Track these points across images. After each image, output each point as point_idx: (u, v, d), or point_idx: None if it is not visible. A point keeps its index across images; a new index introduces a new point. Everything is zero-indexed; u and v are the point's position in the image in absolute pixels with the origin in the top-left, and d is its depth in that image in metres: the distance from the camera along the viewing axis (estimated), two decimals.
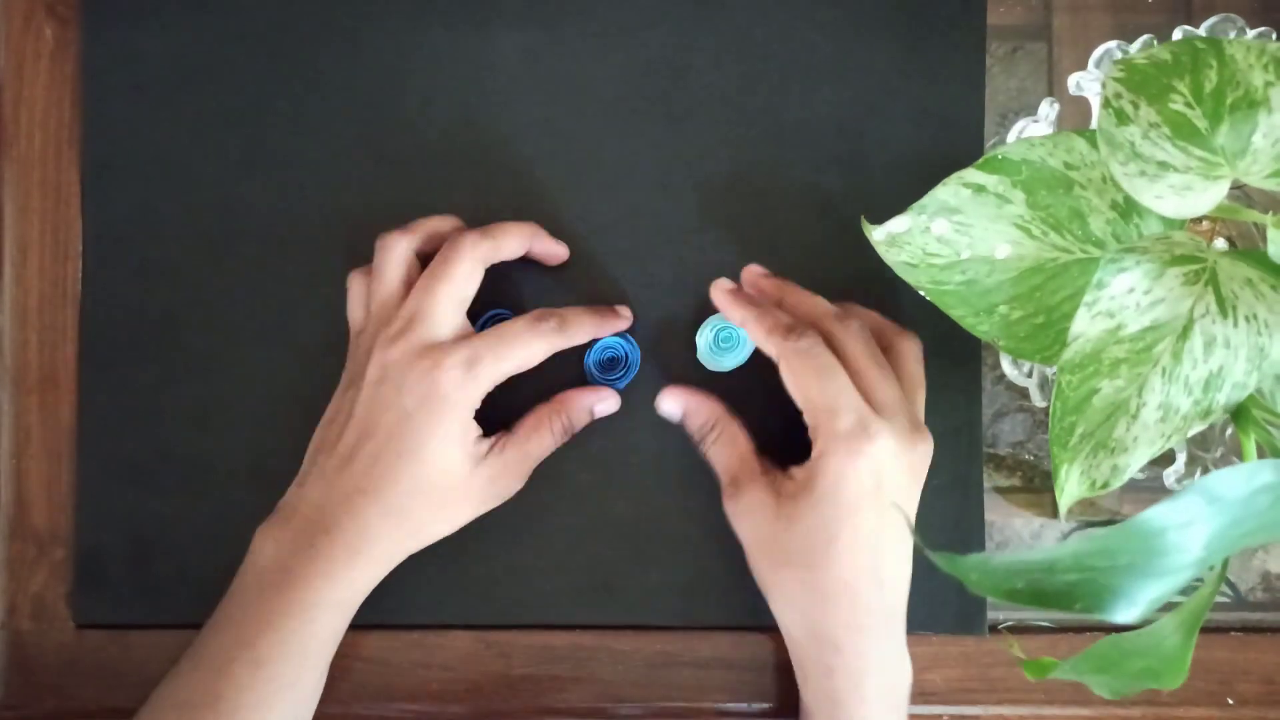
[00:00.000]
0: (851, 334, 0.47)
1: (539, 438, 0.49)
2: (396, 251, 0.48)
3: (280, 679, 0.45)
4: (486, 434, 0.48)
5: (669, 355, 0.52)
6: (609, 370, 0.51)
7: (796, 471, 0.46)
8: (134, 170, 0.53)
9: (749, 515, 0.47)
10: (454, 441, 0.46)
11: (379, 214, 0.52)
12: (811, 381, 0.45)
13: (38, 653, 0.52)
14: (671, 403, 0.50)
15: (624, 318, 0.51)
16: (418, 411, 0.45)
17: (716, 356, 0.51)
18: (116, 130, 0.53)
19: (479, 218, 0.52)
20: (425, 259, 0.48)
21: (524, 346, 0.47)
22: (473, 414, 0.46)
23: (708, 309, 0.52)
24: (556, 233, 0.52)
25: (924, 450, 0.46)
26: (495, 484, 0.48)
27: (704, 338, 0.51)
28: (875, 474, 0.44)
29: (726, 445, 0.49)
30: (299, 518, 0.46)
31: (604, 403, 0.51)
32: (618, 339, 0.51)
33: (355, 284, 0.50)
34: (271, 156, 0.53)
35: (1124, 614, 0.29)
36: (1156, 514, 0.28)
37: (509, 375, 0.47)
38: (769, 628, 0.52)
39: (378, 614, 0.52)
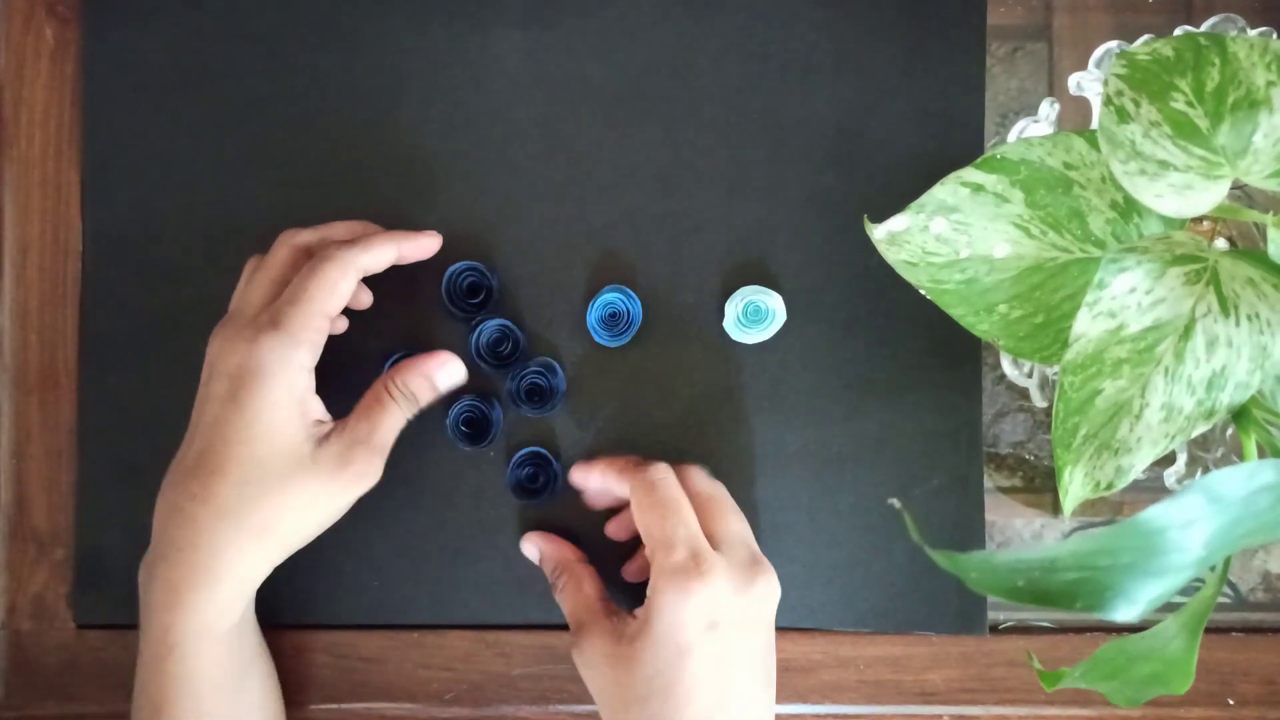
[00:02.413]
0: (689, 473, 0.47)
1: (380, 408, 0.45)
2: (280, 248, 0.47)
3: (182, 716, 0.43)
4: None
5: (668, 353, 0.52)
6: (611, 326, 0.51)
7: (639, 612, 0.44)
8: (134, 170, 0.53)
9: (590, 664, 0.45)
10: (286, 411, 0.43)
11: (379, 214, 0.52)
12: (652, 514, 0.44)
13: (38, 653, 0.52)
14: (530, 547, 0.51)
15: (433, 237, 0.49)
16: (240, 390, 0.42)
17: (744, 329, 0.51)
18: (116, 130, 0.53)
19: (479, 218, 0.52)
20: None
21: (318, 277, 0.44)
22: (305, 384, 0.44)
23: (707, 308, 0.52)
24: (557, 232, 0.52)
25: (765, 584, 0.44)
26: (345, 461, 0.44)
27: (732, 309, 0.51)
28: (708, 613, 0.42)
29: (572, 592, 0.47)
30: (152, 552, 0.44)
31: (444, 369, 0.47)
32: (617, 294, 0.51)
33: (245, 269, 0.49)
34: (271, 156, 0.53)
35: (1124, 613, 0.29)
36: (1157, 513, 0.28)
37: (323, 317, 0.44)
38: None
39: (377, 614, 0.52)
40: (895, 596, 0.52)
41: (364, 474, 0.44)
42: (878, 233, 0.41)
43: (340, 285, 0.44)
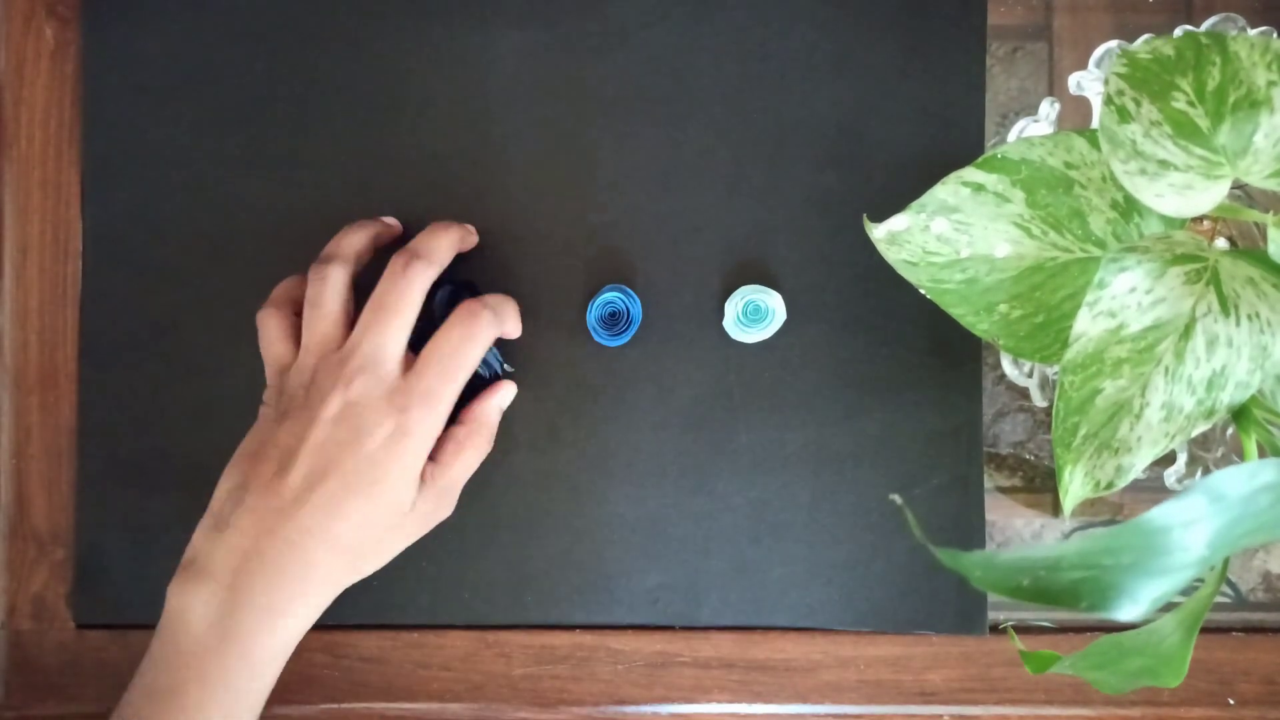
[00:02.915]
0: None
1: (464, 460, 0.48)
2: (333, 281, 0.47)
3: None
4: None
5: (668, 352, 0.52)
6: (611, 326, 0.51)
7: None
8: (134, 170, 0.53)
9: None
10: (411, 476, 0.45)
11: (378, 214, 0.52)
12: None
13: (38, 653, 0.52)
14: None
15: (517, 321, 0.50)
16: (381, 451, 0.44)
17: (744, 329, 0.51)
18: (116, 130, 0.53)
19: (479, 218, 0.52)
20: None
21: (468, 355, 0.46)
22: (431, 443, 0.46)
23: (706, 308, 0.52)
24: (557, 232, 0.52)
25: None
26: (431, 515, 0.47)
27: (732, 309, 0.51)
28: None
29: None
30: (225, 570, 0.43)
31: (502, 395, 0.50)
32: (617, 294, 0.51)
33: (271, 320, 0.48)
34: (271, 156, 0.53)
35: (1128, 612, 0.29)
36: (1160, 513, 0.28)
37: (464, 384, 0.46)
38: (769, 627, 0.52)
39: (378, 614, 0.52)
40: (895, 596, 0.52)
41: (443, 517, 0.48)
42: (878, 232, 0.41)
43: (477, 360, 0.47)
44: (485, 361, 0.50)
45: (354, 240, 0.49)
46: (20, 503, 0.52)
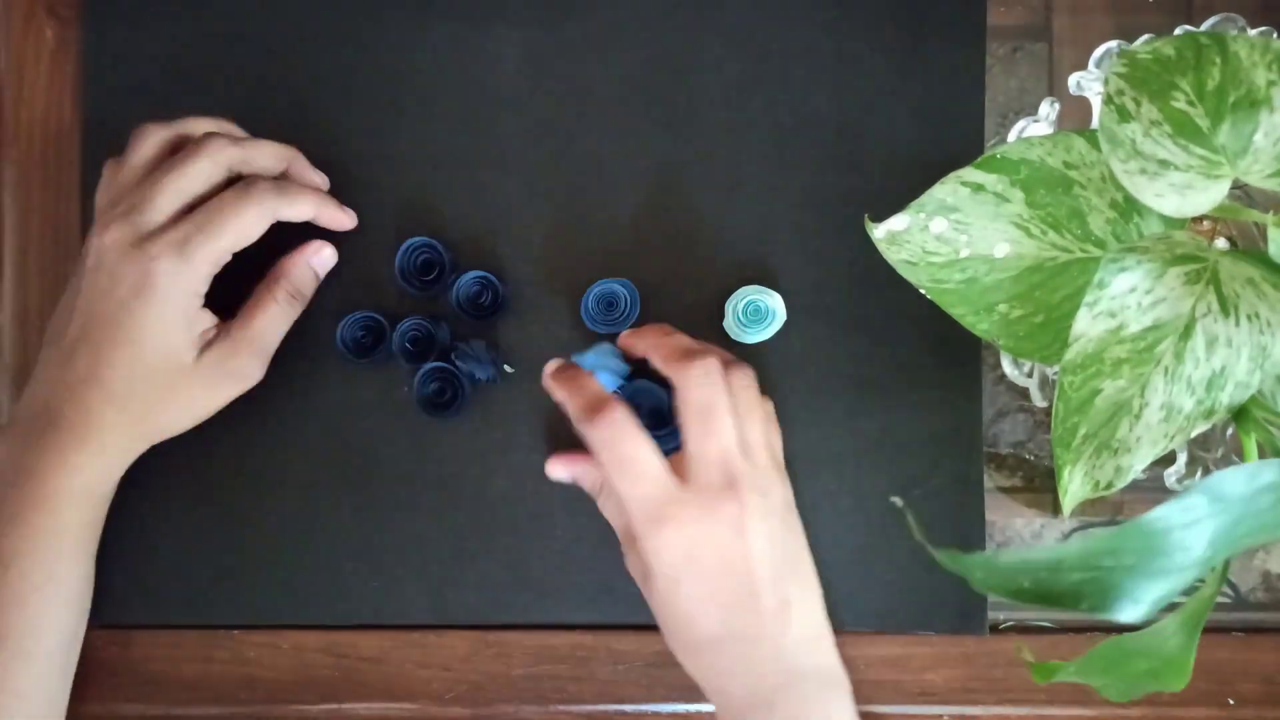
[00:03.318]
0: (737, 373, 0.46)
1: (263, 311, 0.48)
2: (149, 137, 0.48)
3: (31, 576, 0.45)
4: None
5: None
6: (608, 312, 0.51)
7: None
8: None
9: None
10: (174, 328, 0.45)
11: (379, 213, 0.52)
12: (693, 418, 0.43)
13: None
14: (560, 469, 0.50)
15: (349, 215, 0.50)
16: (133, 300, 0.45)
17: (744, 329, 0.51)
18: (116, 130, 0.53)
19: (479, 217, 0.52)
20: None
21: (236, 215, 0.46)
22: (198, 300, 0.46)
23: (707, 308, 0.52)
24: (557, 232, 0.52)
25: (729, 507, 0.43)
26: (225, 366, 0.47)
27: (732, 309, 0.51)
28: (682, 546, 0.43)
29: (618, 504, 0.47)
30: (26, 417, 0.46)
31: (320, 254, 0.50)
32: (615, 282, 0.51)
33: (105, 170, 0.49)
34: None
35: (1129, 613, 0.29)
36: (1161, 514, 0.28)
37: (228, 252, 0.46)
38: None
39: (377, 614, 0.52)
40: (895, 596, 0.52)
41: (243, 376, 0.48)
42: (878, 232, 0.41)
43: (253, 228, 0.46)
44: (482, 362, 0.50)
45: (196, 124, 0.49)
46: None
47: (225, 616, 0.52)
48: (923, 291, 0.42)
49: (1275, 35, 0.48)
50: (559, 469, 0.50)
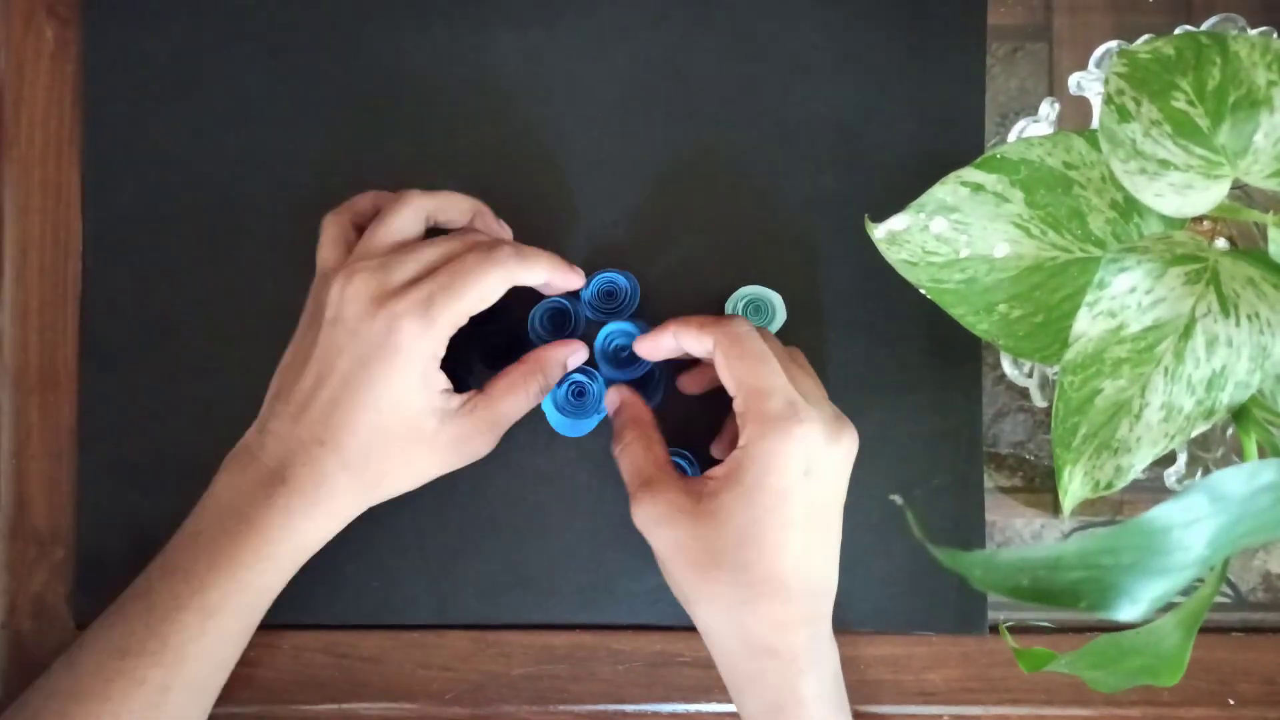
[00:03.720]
0: (769, 338, 0.46)
1: (513, 399, 0.47)
2: (412, 207, 0.47)
3: (228, 629, 0.44)
4: (459, 389, 0.46)
5: None
6: (607, 302, 0.51)
7: (716, 471, 0.44)
8: (134, 170, 0.53)
9: (664, 520, 0.44)
10: (414, 392, 0.44)
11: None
12: (743, 364, 0.44)
13: (38, 653, 0.52)
14: (613, 395, 0.50)
15: (578, 274, 0.49)
16: (373, 360, 0.43)
17: None
18: (116, 130, 0.53)
19: None
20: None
21: (480, 279, 0.44)
22: (436, 363, 0.44)
23: (707, 308, 0.52)
24: (556, 232, 0.52)
25: (850, 439, 0.44)
26: (464, 443, 0.46)
27: (731, 309, 0.51)
28: (805, 458, 0.42)
29: (640, 449, 0.47)
30: (256, 465, 0.45)
31: (576, 354, 0.49)
32: (614, 272, 0.51)
33: (331, 225, 0.48)
34: (271, 156, 0.53)
35: (1128, 612, 0.29)
36: (1161, 513, 0.28)
37: (468, 315, 0.44)
38: None
39: (377, 614, 0.52)
40: (895, 596, 0.52)
41: (474, 454, 0.47)
42: (878, 232, 0.41)
43: (495, 292, 0.45)
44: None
45: (455, 200, 0.49)
46: (20, 503, 0.52)
47: None
48: (923, 291, 0.42)
49: (1275, 35, 0.48)
50: (612, 394, 0.50)
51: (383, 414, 0.44)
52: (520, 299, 0.49)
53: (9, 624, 0.52)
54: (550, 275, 0.48)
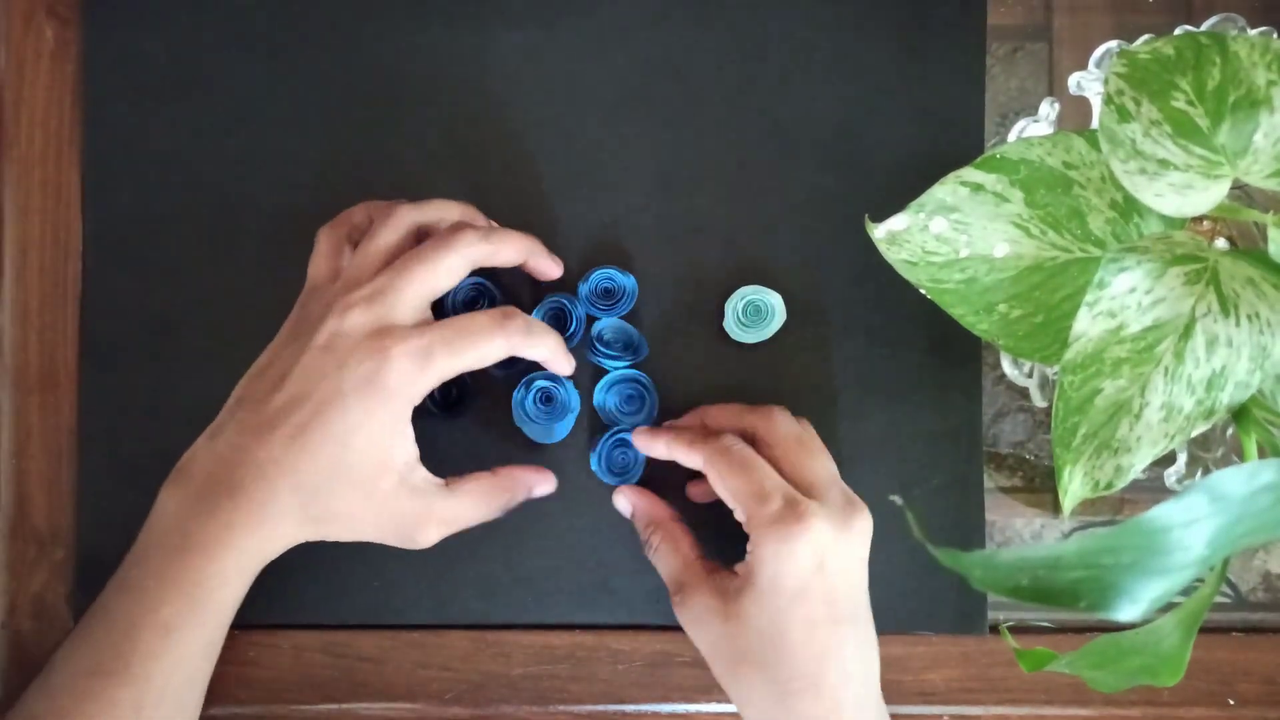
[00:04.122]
0: (773, 419, 0.47)
1: (475, 507, 0.46)
2: (400, 221, 0.46)
3: (189, 644, 0.43)
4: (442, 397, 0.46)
5: (668, 352, 0.52)
6: (605, 298, 0.51)
7: (740, 568, 0.45)
8: (134, 170, 0.53)
9: (699, 621, 0.45)
10: (386, 437, 0.43)
11: None
12: (734, 475, 0.44)
13: (38, 653, 0.52)
14: (622, 501, 0.50)
15: (559, 265, 0.49)
16: (354, 394, 0.42)
17: (744, 329, 0.51)
18: (116, 130, 0.53)
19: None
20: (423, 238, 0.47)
21: (485, 344, 0.44)
22: (411, 408, 0.44)
23: (706, 308, 0.52)
24: (556, 232, 0.52)
25: (862, 524, 0.45)
26: (410, 525, 0.45)
27: (732, 309, 0.51)
28: (814, 554, 0.42)
29: (669, 551, 0.47)
30: (203, 475, 0.43)
31: (543, 485, 0.49)
32: (613, 269, 0.51)
33: (324, 238, 0.48)
34: (271, 156, 0.53)
35: (1128, 612, 0.29)
36: (1161, 513, 0.28)
37: (461, 371, 0.44)
38: None
39: (377, 614, 0.52)
40: (895, 596, 0.52)
41: (414, 542, 0.45)
42: (878, 232, 0.41)
43: (492, 358, 0.45)
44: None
45: (444, 207, 0.48)
46: (20, 503, 0.52)
47: None
48: (923, 291, 0.42)
49: (1275, 35, 0.48)
50: (621, 501, 0.50)
51: (349, 451, 0.43)
52: (518, 297, 0.49)
53: (9, 624, 0.52)
54: (551, 356, 0.47)
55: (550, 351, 0.47)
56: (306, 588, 0.52)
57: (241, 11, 0.53)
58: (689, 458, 0.47)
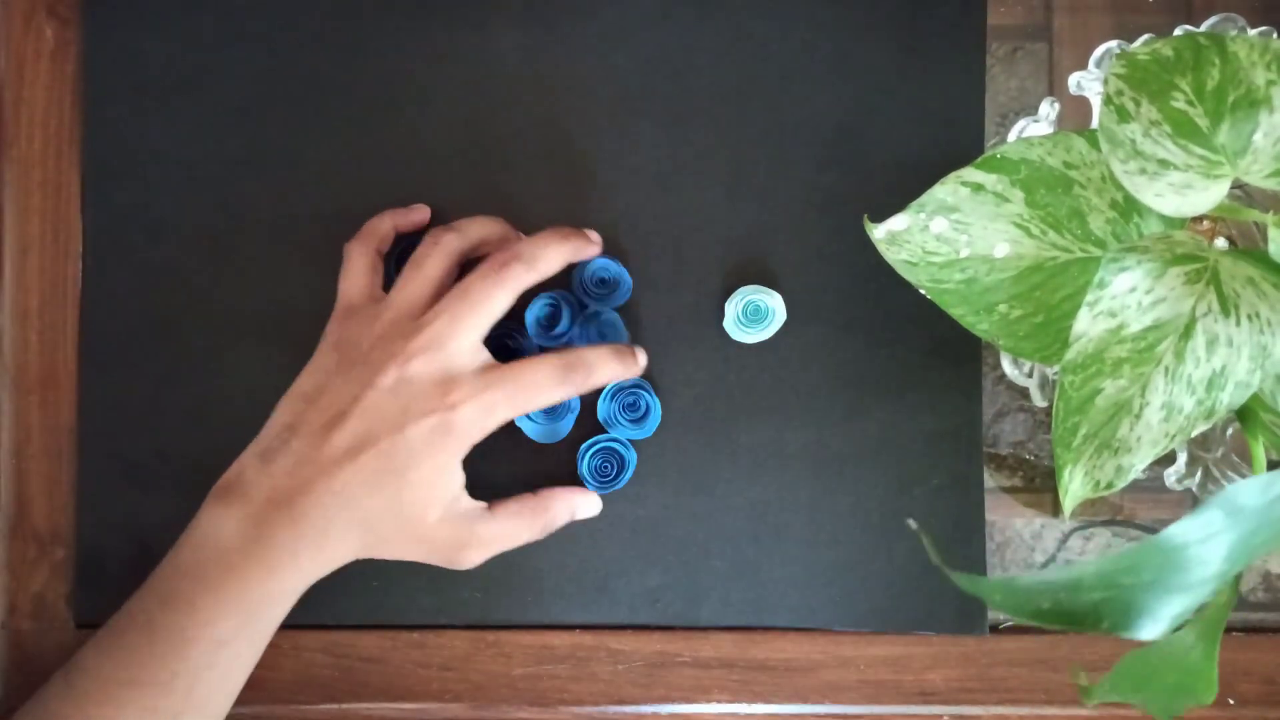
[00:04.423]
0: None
1: (516, 529, 0.48)
2: (446, 249, 0.47)
3: (241, 658, 0.45)
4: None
5: (668, 352, 0.52)
6: (600, 287, 0.51)
7: None
8: (134, 170, 0.53)
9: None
10: (443, 478, 0.45)
11: (374, 214, 0.52)
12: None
13: (38, 653, 0.52)
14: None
15: (641, 361, 0.49)
16: (422, 445, 0.44)
17: (744, 329, 0.51)
18: (116, 130, 0.53)
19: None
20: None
21: (546, 396, 0.45)
22: (469, 449, 0.45)
23: (707, 308, 0.52)
24: None
25: None
26: (453, 548, 0.46)
27: (732, 309, 0.51)
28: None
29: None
30: (262, 499, 0.44)
31: (582, 501, 0.50)
32: (607, 258, 0.51)
33: (356, 255, 0.49)
34: (271, 156, 0.53)
35: (1149, 630, 0.29)
36: (1178, 530, 0.28)
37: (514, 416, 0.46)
38: (769, 628, 0.52)
39: (378, 614, 0.52)
40: (895, 596, 0.52)
41: (462, 562, 0.47)
42: (878, 232, 0.41)
43: (546, 403, 0.46)
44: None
45: (483, 227, 0.49)
46: (20, 503, 0.52)
47: None
48: (923, 291, 0.42)
49: (1275, 35, 0.48)
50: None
51: (405, 489, 0.44)
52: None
53: (9, 624, 0.52)
54: (612, 376, 0.48)
55: (616, 375, 0.48)
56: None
57: (241, 11, 0.53)
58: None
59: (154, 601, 0.44)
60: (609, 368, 0.47)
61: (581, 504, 0.50)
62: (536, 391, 0.45)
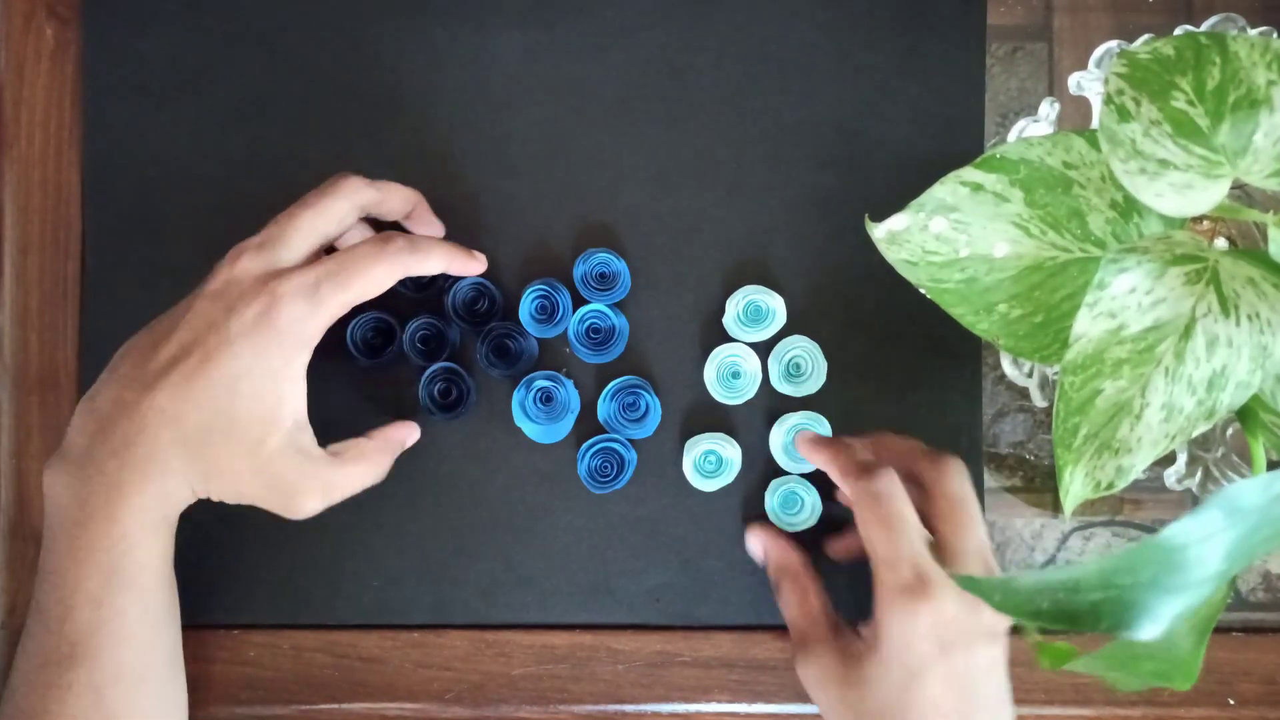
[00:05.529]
0: (945, 473, 0.45)
1: (357, 470, 0.46)
2: (348, 193, 0.46)
3: (124, 614, 0.42)
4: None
5: (669, 353, 0.52)
6: (601, 282, 0.51)
7: (865, 630, 0.44)
8: (134, 170, 0.53)
9: (818, 682, 0.45)
10: (275, 382, 0.42)
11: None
12: (875, 531, 0.43)
13: None
14: (754, 544, 0.50)
15: (479, 260, 0.48)
16: (243, 338, 0.41)
17: (744, 329, 0.51)
18: (116, 130, 0.53)
19: (479, 218, 0.52)
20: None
21: (371, 270, 0.43)
22: (305, 356, 0.43)
23: (706, 308, 0.52)
24: (556, 233, 0.52)
25: (993, 617, 0.42)
26: (291, 490, 0.43)
27: (732, 309, 0.51)
28: (937, 635, 0.41)
29: (797, 602, 0.47)
30: (83, 441, 0.42)
31: (412, 435, 0.50)
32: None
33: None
34: (271, 156, 0.53)
35: (1148, 630, 0.29)
36: (1178, 530, 0.28)
37: (351, 305, 0.43)
38: (769, 627, 0.52)
39: (378, 614, 0.52)
40: None
41: (299, 509, 0.44)
42: (878, 232, 0.41)
43: (382, 284, 0.44)
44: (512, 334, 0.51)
45: (397, 192, 0.48)
46: (20, 503, 0.52)
47: (225, 616, 0.52)
48: (923, 291, 0.42)
49: (1275, 35, 0.48)
50: (754, 543, 0.50)
51: (236, 399, 0.41)
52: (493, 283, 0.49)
53: (9, 624, 0.52)
54: (448, 264, 0.47)
55: (445, 260, 0.46)
56: (306, 588, 0.52)
57: (241, 11, 0.53)
58: (841, 484, 0.46)
59: (36, 585, 0.43)
60: (440, 251, 0.46)
61: (408, 434, 0.49)
62: (358, 265, 0.43)
